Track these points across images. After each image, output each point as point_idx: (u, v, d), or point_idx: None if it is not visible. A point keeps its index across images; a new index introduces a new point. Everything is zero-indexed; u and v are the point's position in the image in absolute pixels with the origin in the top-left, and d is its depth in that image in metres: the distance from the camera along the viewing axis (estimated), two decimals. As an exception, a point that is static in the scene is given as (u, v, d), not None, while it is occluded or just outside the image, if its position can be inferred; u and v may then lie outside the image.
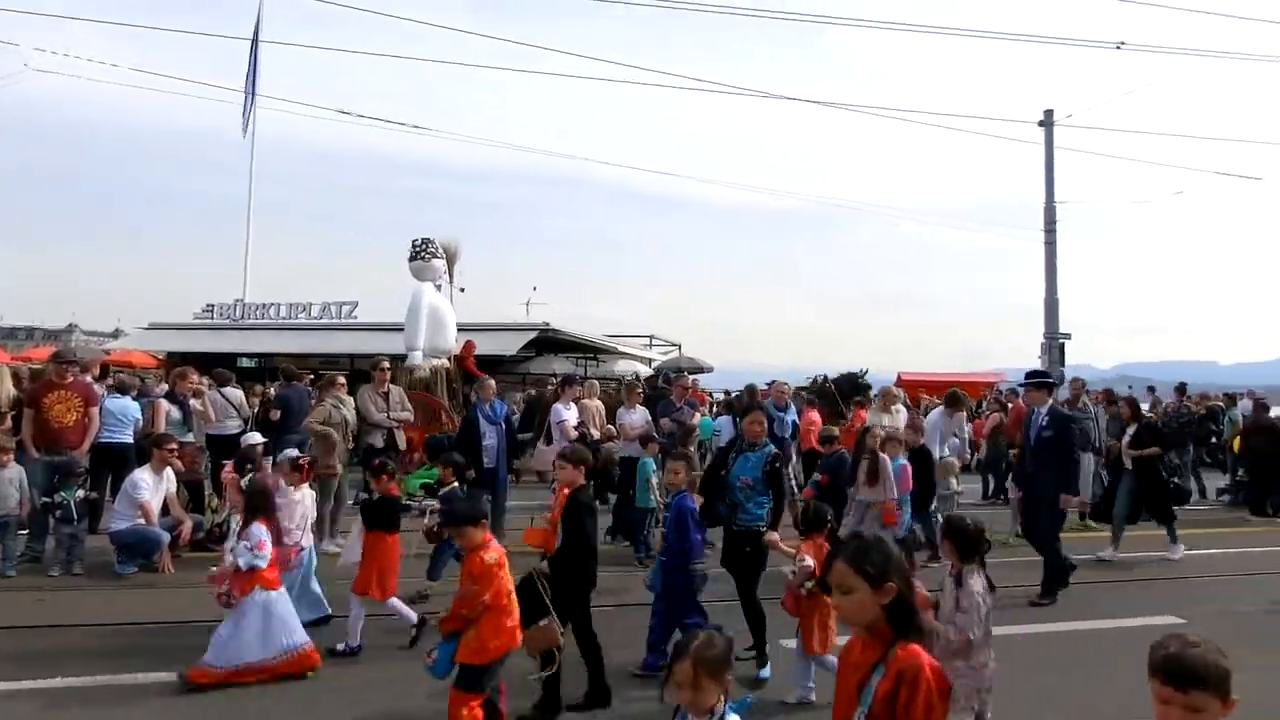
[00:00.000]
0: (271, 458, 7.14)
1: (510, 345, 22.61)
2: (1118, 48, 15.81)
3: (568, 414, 9.01)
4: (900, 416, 10.44)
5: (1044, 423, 7.20)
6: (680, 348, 32.75)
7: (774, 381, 11.59)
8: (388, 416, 8.58)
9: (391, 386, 9.06)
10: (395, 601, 5.47)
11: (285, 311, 24.97)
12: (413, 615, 5.47)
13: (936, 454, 9.46)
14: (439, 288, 15.07)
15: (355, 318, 24.92)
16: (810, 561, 4.51)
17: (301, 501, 6.00)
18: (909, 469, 7.69)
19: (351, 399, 8.80)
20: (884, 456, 7.53)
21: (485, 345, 23.68)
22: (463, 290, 16.69)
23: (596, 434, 10.20)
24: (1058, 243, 19.63)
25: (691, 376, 16.53)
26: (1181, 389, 15.34)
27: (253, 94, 25.84)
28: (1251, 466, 12.17)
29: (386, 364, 9.10)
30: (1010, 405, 12.42)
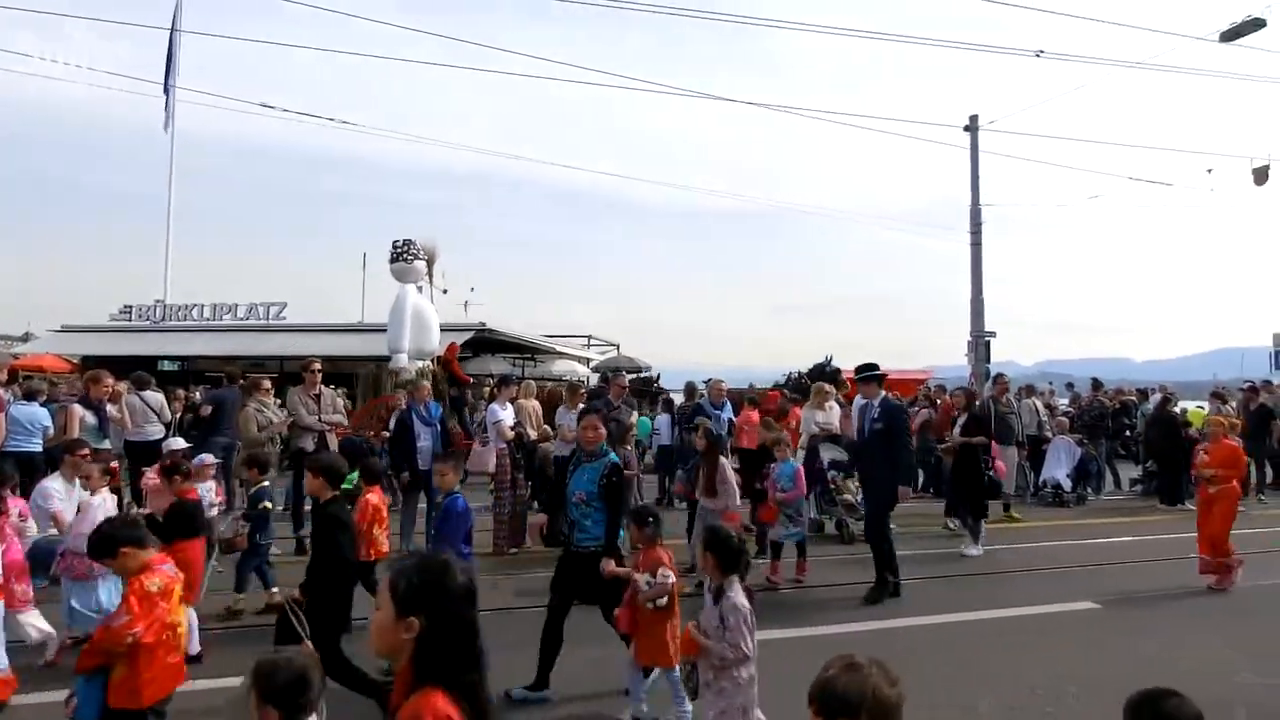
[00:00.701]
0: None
1: (445, 346, 22.27)
2: (1037, 55, 16.40)
3: (504, 414, 8.92)
4: (834, 412, 10.65)
5: (875, 415, 7.03)
6: (619, 347, 32.83)
7: (711, 380, 11.72)
8: (319, 419, 8.36)
9: (323, 388, 8.83)
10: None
11: (209, 313, 24.16)
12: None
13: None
14: (420, 289, 14.89)
15: (284, 319, 24.25)
16: (673, 576, 4.17)
17: (101, 505, 5.56)
18: (802, 472, 7.45)
19: (273, 402, 8.58)
20: (723, 462, 7.14)
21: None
22: (445, 292, 16.26)
23: (533, 434, 10.13)
24: (983, 244, 20.30)
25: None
26: (1096, 384, 16.09)
27: (172, 86, 24.84)
28: (1157, 457, 12.79)
29: (318, 365, 8.86)
30: (939, 401, 12.79)
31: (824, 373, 13.31)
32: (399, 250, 14.42)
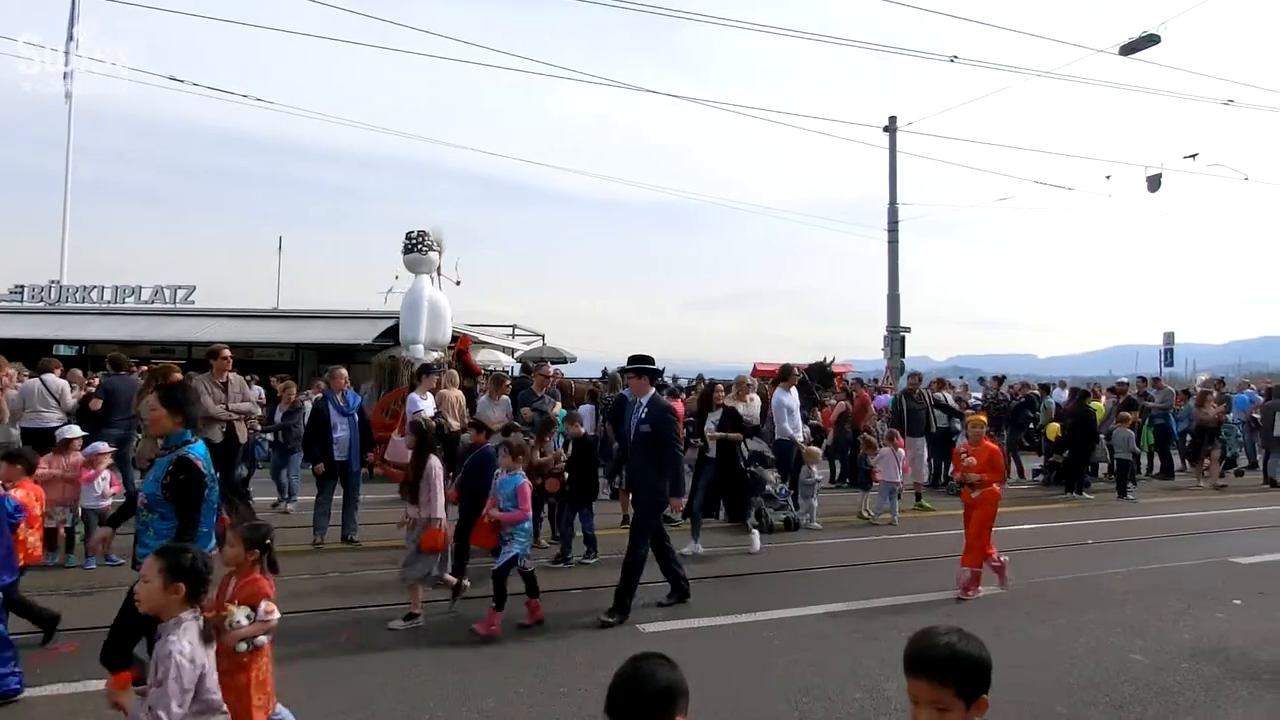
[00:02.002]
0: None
1: (366, 333, 21.74)
2: (951, 60, 16.95)
3: (424, 404, 8.73)
4: (754, 405, 10.82)
5: (642, 415, 6.12)
6: (544, 338, 32.60)
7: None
8: (226, 408, 8.00)
9: (231, 375, 8.44)
10: None
11: (111, 295, 22.93)
12: None
13: (789, 430, 9.99)
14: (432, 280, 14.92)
15: (193, 303, 23.17)
16: (276, 613, 3.34)
17: None
18: (528, 488, 5.77)
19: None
20: (433, 463, 5.90)
21: (338, 333, 22.70)
22: (458, 284, 16.09)
23: (456, 425, 9.95)
24: (899, 241, 20.94)
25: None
26: (1000, 379, 16.85)
27: (72, 54, 23.37)
28: (1070, 448, 13.41)
29: (227, 351, 8.47)
30: (855, 394, 13.15)
31: (824, 372, 13.80)
32: (414, 241, 14.45)
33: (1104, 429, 13.55)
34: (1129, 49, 15.77)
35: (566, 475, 7.82)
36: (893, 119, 20.85)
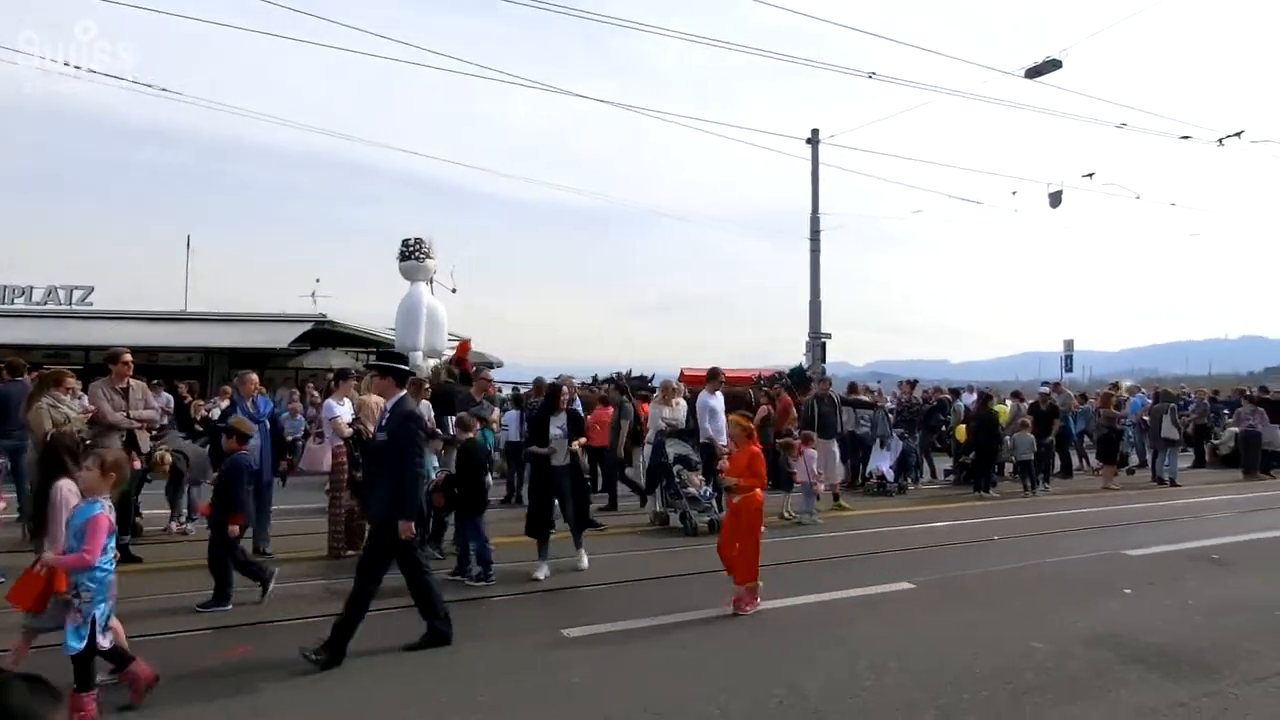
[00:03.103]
0: None
1: (282, 337, 21.02)
2: (870, 76, 17.52)
3: (340, 410, 8.49)
4: (680, 409, 10.94)
5: (384, 422, 5.39)
6: (471, 343, 32.13)
7: (560, 376, 11.73)
8: (126, 416, 7.60)
9: (133, 381, 8.03)
10: None
11: (-1, 295, 21.50)
12: None
13: (710, 431, 10.17)
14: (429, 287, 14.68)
15: (90, 304, 21.94)
16: None
17: None
18: (104, 521, 4.04)
19: (72, 398, 7.75)
20: (60, 489, 4.43)
21: (252, 337, 21.86)
22: (454, 291, 15.79)
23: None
24: (821, 250, 21.49)
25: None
26: (912, 383, 17.49)
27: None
28: (976, 450, 14.00)
29: (128, 356, 8.05)
30: (778, 398, 13.41)
31: (803, 376, 14.29)
32: (410, 249, 14.36)
33: (1008, 432, 14.22)
34: (1033, 72, 16.61)
35: (455, 488, 7.34)
36: (815, 131, 21.38)
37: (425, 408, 8.68)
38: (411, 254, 14.21)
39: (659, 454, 10.11)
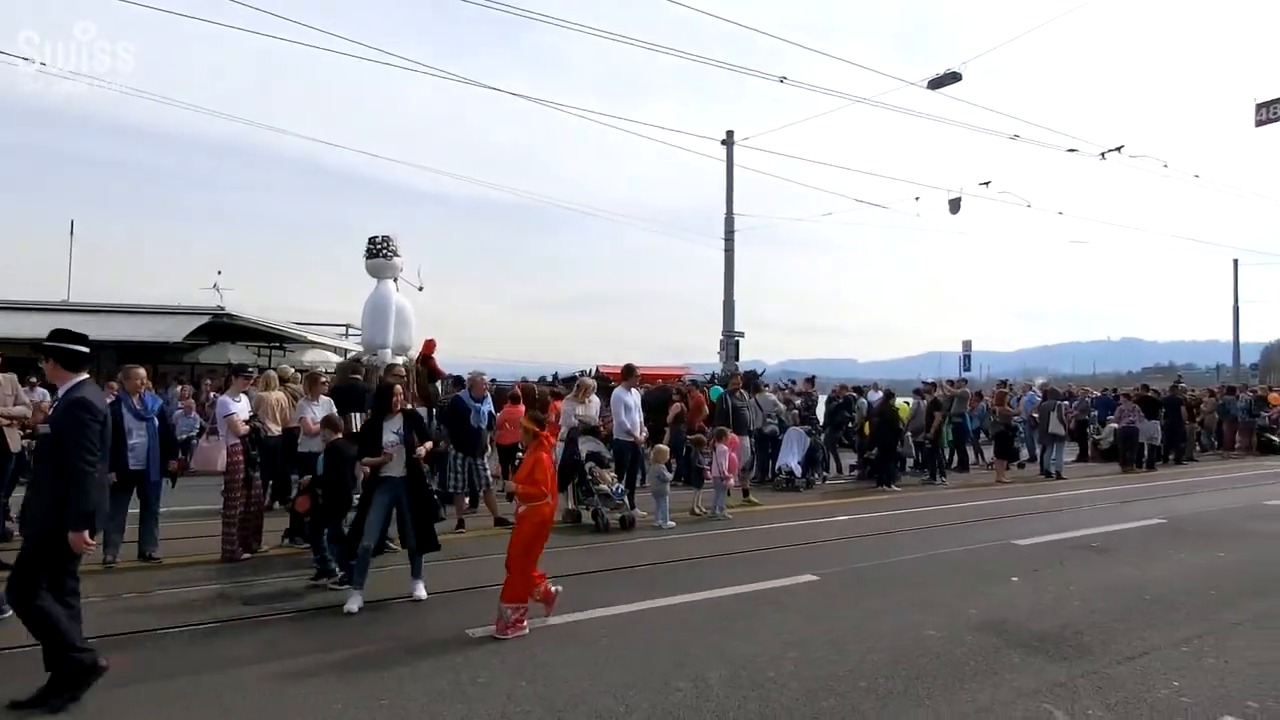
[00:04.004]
0: None
1: (176, 330, 19.97)
2: (781, 81, 17.90)
3: (236, 407, 8.11)
4: (593, 406, 10.92)
5: (50, 414, 4.84)
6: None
7: (474, 372, 11.52)
8: (-5, 412, 7.06)
9: (2, 376, 7.46)
10: None
11: None
12: None
13: (625, 424, 10.22)
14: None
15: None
16: None
17: None
18: None
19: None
20: None
21: (145, 330, 20.68)
22: (421, 289, 15.46)
23: (275, 429, 9.33)
24: (735, 250, 21.86)
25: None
26: (811, 379, 18.06)
27: None
28: (878, 445, 14.53)
29: (-7, 349, 7.48)
30: (689, 395, 13.57)
31: (755, 378, 14.71)
32: (378, 246, 14.09)
33: (911, 427, 14.80)
34: (935, 83, 17.35)
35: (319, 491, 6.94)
36: (730, 133, 21.73)
37: (326, 404, 8.40)
38: (379, 251, 14.14)
39: (571, 451, 10.07)
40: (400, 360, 13.06)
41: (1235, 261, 36.43)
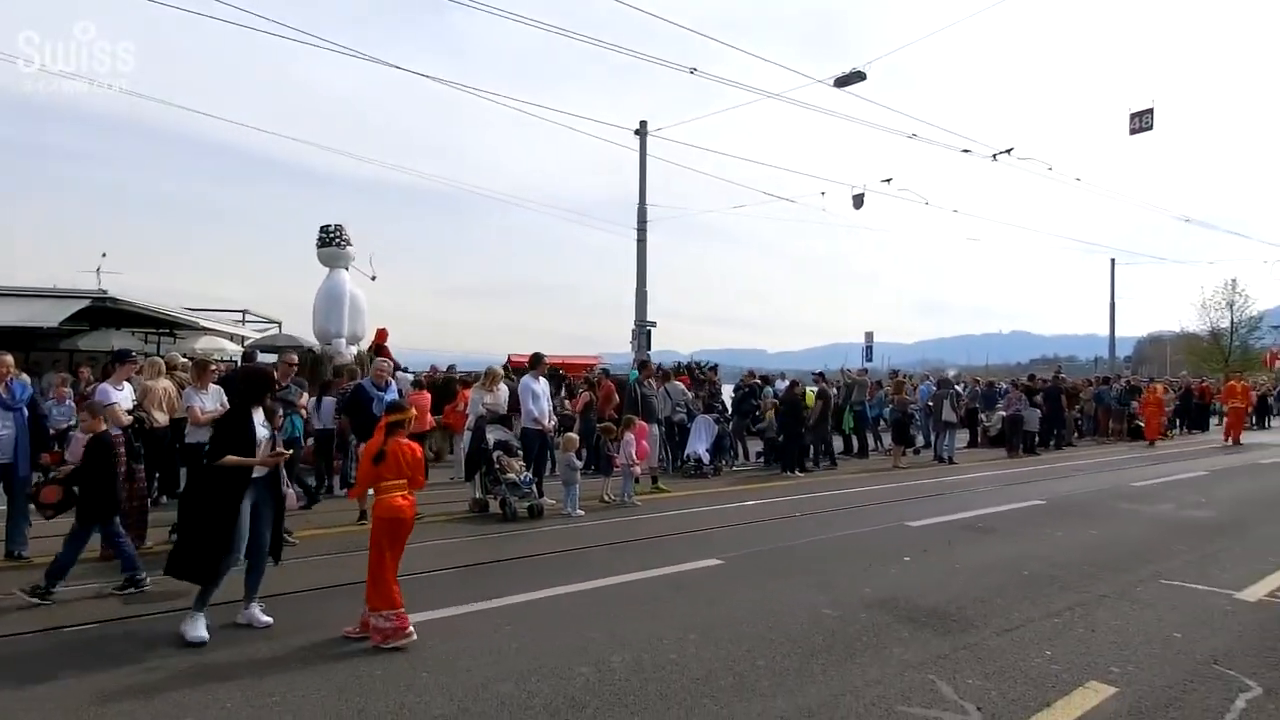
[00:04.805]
0: None
1: (51, 315, 18.65)
2: (691, 72, 18.05)
3: (118, 395, 7.65)
4: (502, 394, 10.81)
5: None
6: (281, 325, 30.01)
7: (377, 359, 11.25)
8: None
9: None
10: None
11: None
12: None
13: (534, 412, 10.18)
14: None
15: None
16: None
17: None
18: None
19: None
20: None
21: (15, 314, 19.20)
22: (374, 279, 14.75)
23: (162, 418, 8.86)
24: (648, 240, 21.94)
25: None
26: (714, 368, 18.45)
27: None
28: (783, 432, 14.93)
29: None
30: (600, 384, 13.60)
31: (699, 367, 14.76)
32: (331, 235, 13.76)
33: (812, 416, 15.25)
34: (841, 82, 17.81)
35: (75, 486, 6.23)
36: (643, 123, 21.75)
37: (216, 393, 8.02)
38: (332, 240, 13.83)
39: (479, 439, 9.95)
40: (353, 350, 12.99)
41: (1113, 261, 38.93)
